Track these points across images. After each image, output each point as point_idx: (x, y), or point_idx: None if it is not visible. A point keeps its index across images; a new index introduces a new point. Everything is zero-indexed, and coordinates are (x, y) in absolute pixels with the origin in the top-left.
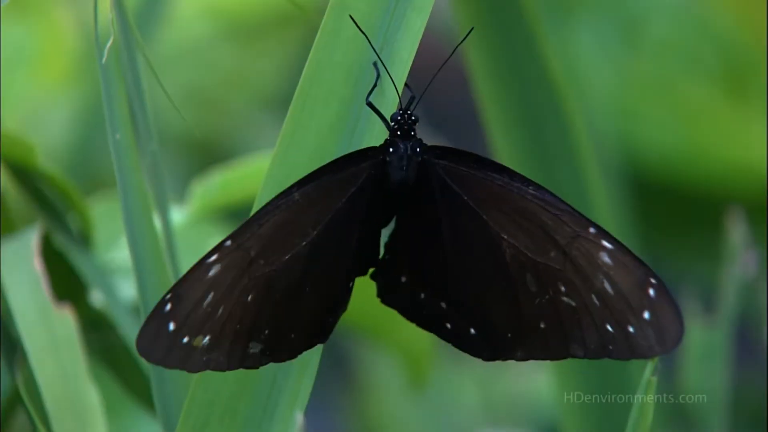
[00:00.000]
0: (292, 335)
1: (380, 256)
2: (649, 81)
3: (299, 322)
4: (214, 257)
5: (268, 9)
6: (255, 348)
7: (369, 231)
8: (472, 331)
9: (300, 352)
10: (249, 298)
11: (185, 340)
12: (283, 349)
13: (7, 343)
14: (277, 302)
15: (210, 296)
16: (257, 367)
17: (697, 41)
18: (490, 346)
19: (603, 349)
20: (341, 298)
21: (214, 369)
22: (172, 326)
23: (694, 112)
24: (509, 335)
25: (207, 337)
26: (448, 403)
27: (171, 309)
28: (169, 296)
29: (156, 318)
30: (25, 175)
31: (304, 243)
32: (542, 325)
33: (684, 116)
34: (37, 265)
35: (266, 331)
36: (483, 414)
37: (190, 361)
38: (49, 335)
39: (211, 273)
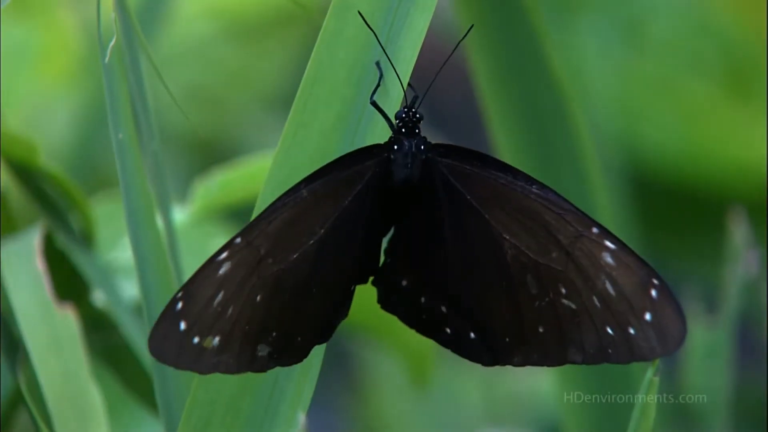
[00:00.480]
0: (299, 338)
1: (380, 263)
2: (651, 80)
3: (305, 324)
4: (224, 255)
5: (270, 8)
6: (263, 351)
7: (372, 232)
8: (472, 335)
9: (305, 356)
10: (258, 297)
11: (196, 340)
12: (289, 353)
13: (9, 342)
14: (285, 303)
15: (220, 295)
16: (264, 371)
17: (699, 41)
18: (490, 351)
19: (602, 352)
20: (343, 302)
21: (224, 372)
22: (183, 326)
23: (695, 111)
24: (507, 339)
25: (217, 338)
26: (449, 403)
27: (182, 308)
28: (180, 295)
29: (168, 317)
30: (27, 175)
31: (312, 241)
32: (541, 329)
33: (685, 115)
34: (39, 264)
35: (274, 334)
36: (485, 414)
37: (200, 362)
38: (51, 335)
39: (222, 271)
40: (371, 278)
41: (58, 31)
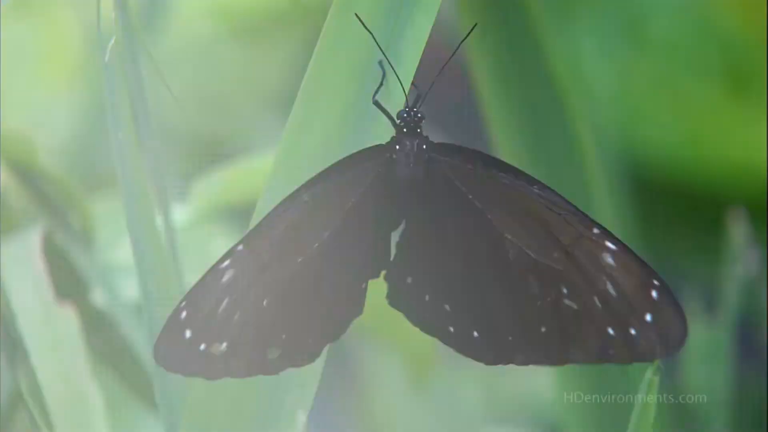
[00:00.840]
0: (310, 339)
1: (392, 257)
2: (652, 80)
3: (316, 325)
4: (226, 263)
5: (272, 8)
6: (273, 353)
7: (379, 232)
8: (475, 333)
9: (317, 356)
10: (264, 302)
11: (203, 347)
12: (301, 354)
13: (9, 341)
14: (294, 306)
15: (225, 301)
16: (277, 373)
17: (700, 41)
18: (492, 350)
19: (603, 353)
20: (356, 301)
21: (234, 376)
22: (188, 334)
23: (696, 111)
24: (510, 338)
25: (225, 344)
26: (450, 403)
27: (187, 316)
28: (184, 304)
29: (172, 326)
30: (27, 174)
31: (317, 245)
32: (543, 329)
33: (686, 116)
34: (38, 263)
35: (284, 336)
36: (486, 413)
37: (209, 368)
38: (51, 334)
39: (225, 278)
40: (383, 273)
41: (58, 31)
